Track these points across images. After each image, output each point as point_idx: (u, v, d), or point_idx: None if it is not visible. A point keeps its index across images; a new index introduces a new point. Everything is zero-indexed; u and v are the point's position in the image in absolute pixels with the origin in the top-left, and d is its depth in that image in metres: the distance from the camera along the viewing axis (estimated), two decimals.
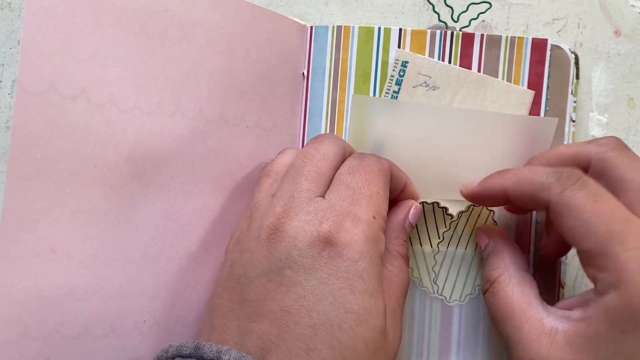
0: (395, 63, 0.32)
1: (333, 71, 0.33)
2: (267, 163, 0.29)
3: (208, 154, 0.29)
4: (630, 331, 0.22)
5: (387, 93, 0.32)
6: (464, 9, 0.34)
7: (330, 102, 0.33)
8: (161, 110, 0.27)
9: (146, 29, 0.27)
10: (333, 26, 0.33)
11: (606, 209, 0.23)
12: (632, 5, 0.34)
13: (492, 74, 0.33)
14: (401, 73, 0.32)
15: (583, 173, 0.25)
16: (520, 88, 0.32)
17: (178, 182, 0.28)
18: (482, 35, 0.33)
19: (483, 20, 0.34)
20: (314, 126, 0.33)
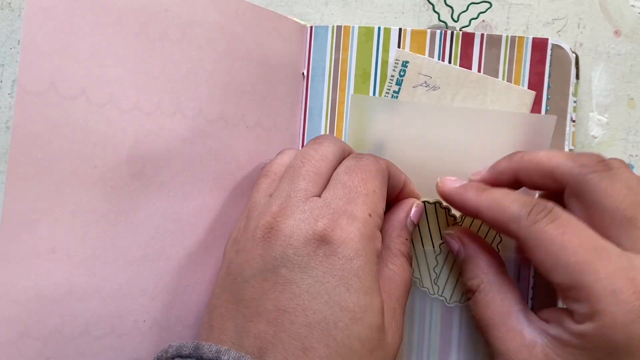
0: (395, 63, 0.32)
1: (333, 71, 0.33)
2: (266, 163, 0.29)
3: (208, 154, 0.29)
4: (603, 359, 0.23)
5: (387, 93, 0.32)
6: (464, 9, 0.34)
7: (330, 102, 0.33)
8: (161, 110, 0.27)
9: (146, 29, 0.27)
10: (333, 26, 0.33)
11: (574, 240, 0.23)
12: (632, 5, 0.34)
13: (493, 74, 0.32)
14: (401, 73, 0.32)
15: (554, 204, 0.25)
16: (520, 88, 0.32)
17: (178, 182, 0.28)
18: (482, 35, 0.32)
19: (483, 20, 0.34)
20: (314, 126, 0.33)
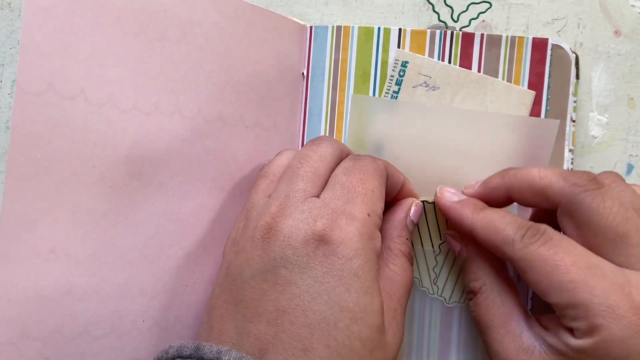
0: (395, 63, 0.32)
1: (333, 71, 0.33)
2: (264, 164, 0.29)
3: (206, 154, 0.29)
4: None
5: (387, 93, 0.32)
6: (464, 9, 0.34)
7: (330, 102, 0.33)
8: (160, 110, 0.27)
9: (146, 29, 0.27)
10: (333, 26, 0.33)
11: (567, 260, 0.23)
12: (632, 5, 0.34)
13: (492, 74, 0.32)
14: (401, 73, 0.32)
15: (547, 226, 0.25)
16: (520, 88, 0.32)
17: (177, 182, 0.28)
18: (482, 35, 0.32)
19: (483, 20, 0.34)
20: (314, 126, 0.33)
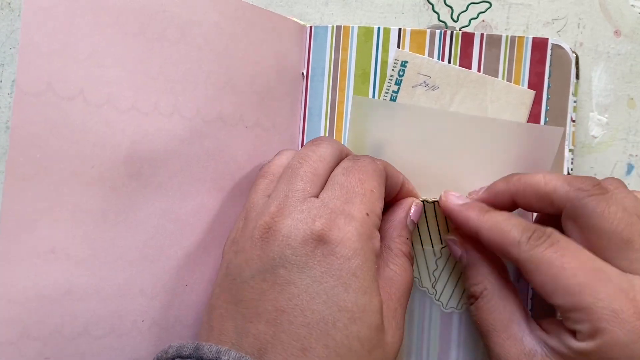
0: (394, 63, 0.32)
1: (332, 71, 0.33)
2: (264, 164, 0.29)
3: (206, 155, 0.29)
4: None
5: (387, 93, 0.32)
6: (464, 9, 0.34)
7: (329, 102, 0.33)
8: (159, 110, 0.27)
9: (145, 30, 0.27)
10: (332, 26, 0.33)
11: (573, 263, 0.24)
12: (632, 5, 0.34)
13: (492, 74, 0.32)
14: (400, 73, 0.32)
15: (553, 229, 0.25)
16: (520, 88, 0.32)
17: (176, 183, 0.28)
18: (482, 34, 0.32)
19: (483, 20, 0.34)
20: (314, 126, 0.33)
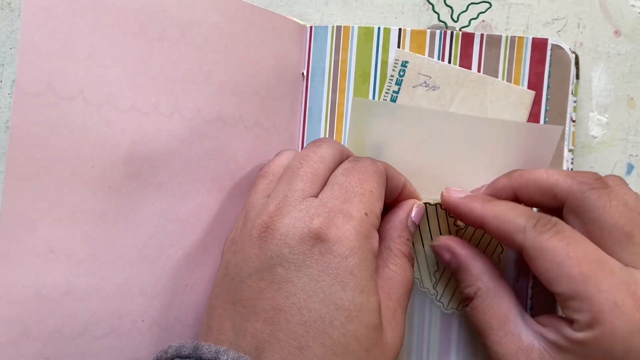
0: (395, 63, 0.32)
1: (333, 71, 0.33)
2: (264, 164, 0.29)
3: (206, 155, 0.29)
4: None
5: (387, 93, 0.32)
6: (464, 9, 0.34)
7: (329, 102, 0.33)
8: (159, 110, 0.27)
9: (145, 30, 0.27)
10: (332, 26, 0.33)
11: (579, 253, 0.24)
12: (632, 5, 0.34)
13: (492, 74, 0.32)
14: (401, 73, 0.32)
15: (558, 219, 0.25)
16: (520, 88, 0.32)
17: (176, 183, 0.28)
18: (482, 35, 0.32)
19: (483, 20, 0.34)
20: (314, 126, 0.33)
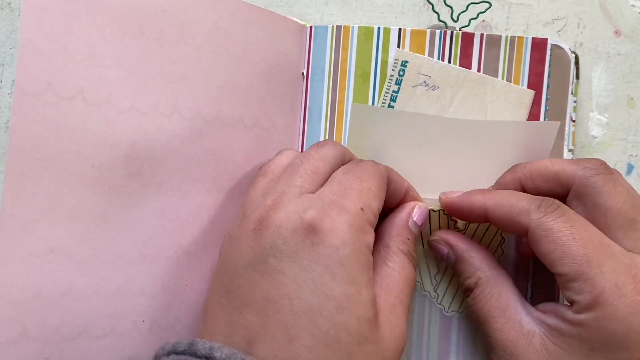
0: (394, 63, 0.32)
1: (332, 71, 0.33)
2: (264, 163, 0.29)
3: (205, 154, 0.29)
4: (599, 349, 0.24)
5: (387, 93, 0.32)
6: (464, 9, 0.34)
7: (329, 102, 0.33)
8: (158, 110, 0.27)
9: (144, 30, 0.27)
10: (332, 26, 0.33)
11: (583, 234, 0.24)
12: (632, 5, 0.34)
13: (492, 74, 0.32)
14: (401, 73, 0.32)
15: (560, 202, 0.26)
16: (520, 88, 0.32)
17: (176, 182, 0.28)
18: (482, 34, 0.32)
19: (483, 20, 0.34)
20: (314, 126, 0.33)
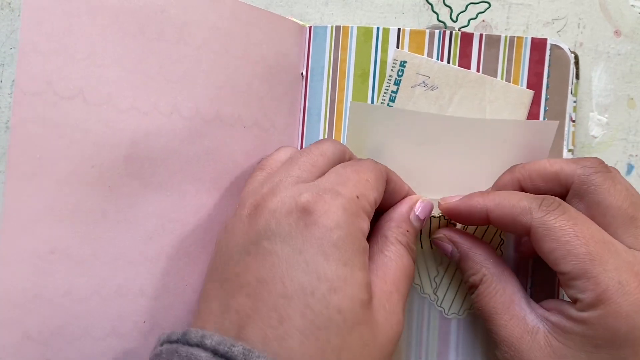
0: (393, 63, 0.32)
1: (332, 71, 0.33)
2: (263, 158, 0.30)
3: (205, 154, 0.29)
4: (603, 347, 0.24)
5: (386, 93, 0.32)
6: (463, 9, 0.34)
7: (329, 102, 0.33)
8: (158, 110, 0.27)
9: (144, 30, 0.27)
10: (332, 26, 0.33)
11: (586, 232, 0.24)
12: (632, 5, 0.34)
13: (491, 74, 0.32)
14: (399, 73, 0.32)
15: (561, 200, 0.26)
16: (519, 88, 0.32)
17: (175, 182, 0.28)
18: (481, 35, 0.32)
19: (483, 20, 0.34)
20: (313, 126, 0.33)
